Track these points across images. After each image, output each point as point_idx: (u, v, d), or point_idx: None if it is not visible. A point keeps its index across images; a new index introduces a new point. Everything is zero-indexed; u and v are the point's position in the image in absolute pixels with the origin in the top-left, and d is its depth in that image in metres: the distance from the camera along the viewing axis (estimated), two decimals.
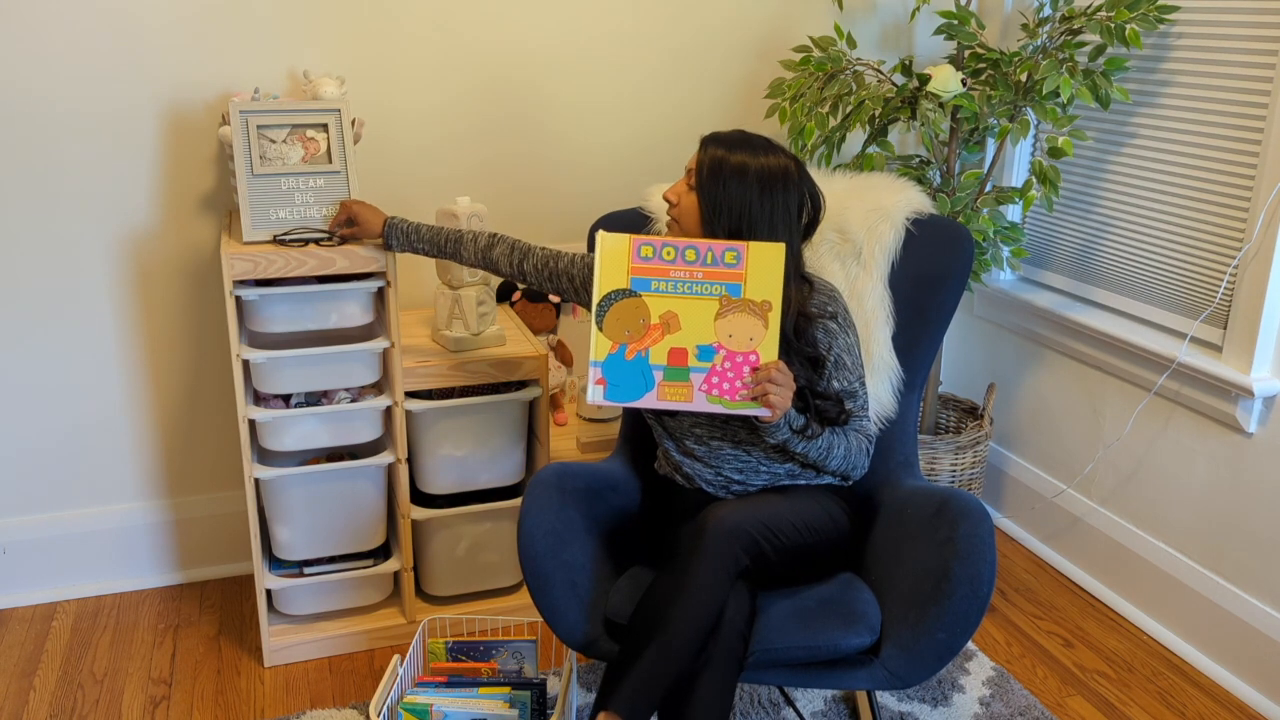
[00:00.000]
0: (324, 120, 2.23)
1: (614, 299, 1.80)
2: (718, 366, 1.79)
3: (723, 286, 1.76)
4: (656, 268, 1.77)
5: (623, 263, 1.79)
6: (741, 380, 1.79)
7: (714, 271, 1.77)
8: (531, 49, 2.68)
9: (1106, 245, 2.69)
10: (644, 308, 1.79)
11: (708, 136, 1.93)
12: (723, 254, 1.75)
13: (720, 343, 1.78)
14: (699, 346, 1.79)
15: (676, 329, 1.79)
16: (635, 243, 1.78)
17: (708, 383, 1.80)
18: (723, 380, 1.79)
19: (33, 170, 2.41)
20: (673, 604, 1.68)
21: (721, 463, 1.99)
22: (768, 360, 1.79)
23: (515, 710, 2.01)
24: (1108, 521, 2.71)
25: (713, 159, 1.88)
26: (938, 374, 2.83)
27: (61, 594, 2.67)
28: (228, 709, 2.29)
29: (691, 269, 1.77)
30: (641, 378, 1.81)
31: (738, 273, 1.76)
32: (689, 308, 1.78)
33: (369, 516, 2.42)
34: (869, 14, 2.94)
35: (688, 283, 1.77)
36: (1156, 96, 2.50)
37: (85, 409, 2.59)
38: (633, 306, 1.79)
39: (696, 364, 1.79)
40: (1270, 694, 2.31)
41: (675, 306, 1.78)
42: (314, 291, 2.21)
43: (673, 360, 1.80)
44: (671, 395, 1.81)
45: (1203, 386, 2.40)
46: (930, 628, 1.76)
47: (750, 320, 1.77)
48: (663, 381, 1.81)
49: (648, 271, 1.78)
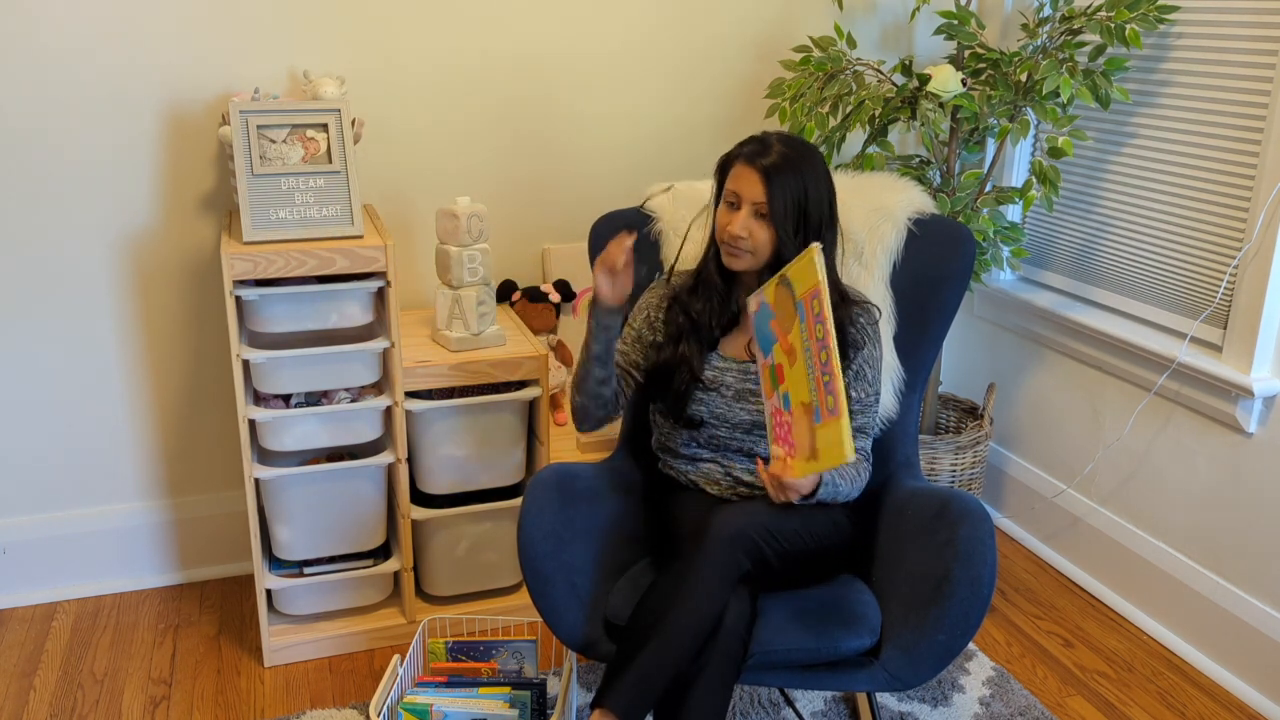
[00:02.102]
0: (324, 120, 2.23)
1: (788, 288, 1.79)
2: (785, 414, 1.79)
3: (815, 400, 1.73)
4: (809, 322, 1.74)
5: (806, 285, 1.75)
6: (782, 448, 1.79)
7: (820, 384, 1.72)
8: (532, 50, 2.68)
9: (1106, 245, 2.69)
10: (792, 323, 1.78)
11: (753, 153, 1.91)
12: (830, 390, 1.70)
13: (794, 416, 1.77)
14: (786, 394, 1.79)
15: (791, 365, 1.78)
16: (816, 290, 1.72)
17: (777, 414, 1.81)
18: (780, 426, 1.81)
19: (33, 170, 2.41)
20: (673, 606, 1.69)
21: (732, 463, 1.99)
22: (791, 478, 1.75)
23: (515, 710, 2.01)
24: (1108, 521, 2.71)
25: (779, 184, 1.88)
26: (938, 374, 2.83)
27: (61, 594, 2.67)
28: (228, 709, 2.29)
29: (818, 361, 1.72)
30: (765, 344, 1.84)
31: (825, 411, 1.71)
32: (800, 371, 1.76)
33: (369, 516, 2.42)
34: (869, 14, 2.94)
35: (810, 360, 1.73)
36: (1156, 96, 2.50)
37: (85, 409, 2.59)
38: (789, 311, 1.79)
39: (779, 395, 1.81)
40: (1270, 694, 2.31)
41: (799, 355, 1.76)
42: (314, 291, 2.21)
43: (778, 371, 1.81)
44: (766, 377, 1.84)
45: (1203, 386, 2.40)
46: (930, 629, 1.76)
47: (805, 438, 1.75)
48: (769, 364, 1.83)
49: (807, 312, 1.75)
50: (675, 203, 2.28)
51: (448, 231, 2.35)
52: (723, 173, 1.97)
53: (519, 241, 2.81)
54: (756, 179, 1.89)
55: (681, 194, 2.29)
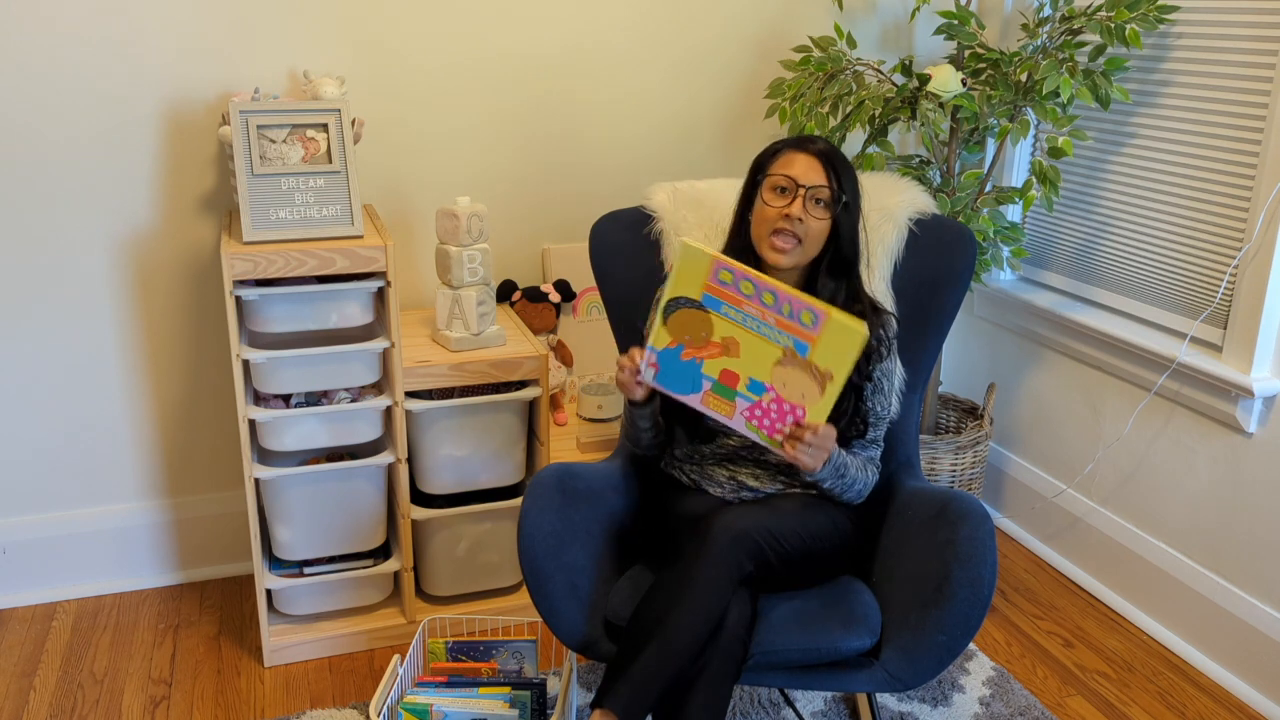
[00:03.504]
0: (324, 120, 2.23)
1: (682, 304, 1.79)
2: (764, 403, 1.79)
3: (790, 340, 1.73)
4: (732, 295, 1.75)
5: (699, 278, 1.76)
6: (784, 424, 1.79)
7: (787, 323, 1.73)
8: (532, 50, 2.68)
9: (1106, 245, 2.69)
10: (709, 324, 1.78)
11: (801, 140, 1.89)
12: (800, 312, 1.71)
13: (773, 385, 1.77)
14: (752, 380, 1.78)
15: (735, 355, 1.78)
16: (717, 264, 1.74)
17: (750, 412, 1.80)
18: (765, 416, 1.80)
19: (33, 170, 2.41)
20: (674, 606, 1.68)
21: (738, 467, 1.99)
22: (814, 420, 1.76)
23: (515, 710, 2.01)
24: (1108, 521, 2.72)
25: (843, 169, 1.86)
26: (938, 374, 2.83)
27: (61, 594, 2.67)
28: (228, 709, 2.29)
29: (765, 310, 1.74)
30: (692, 379, 1.82)
31: (810, 335, 1.72)
32: (752, 343, 1.76)
33: (369, 516, 2.42)
34: (869, 14, 2.94)
35: (758, 321, 1.74)
36: (1156, 96, 2.50)
37: (85, 409, 2.59)
38: (699, 318, 1.78)
39: (745, 392, 1.80)
40: (1270, 694, 2.32)
41: (739, 336, 1.77)
42: (314, 291, 2.21)
43: (724, 379, 1.80)
44: (715, 406, 1.82)
45: (1203, 386, 2.40)
46: (930, 630, 1.76)
47: (807, 380, 1.74)
48: (709, 391, 1.82)
49: (723, 294, 1.76)
50: (675, 202, 2.28)
51: (448, 231, 2.36)
52: (760, 166, 1.93)
53: (519, 241, 2.81)
54: (815, 163, 1.85)
55: (682, 193, 2.28)
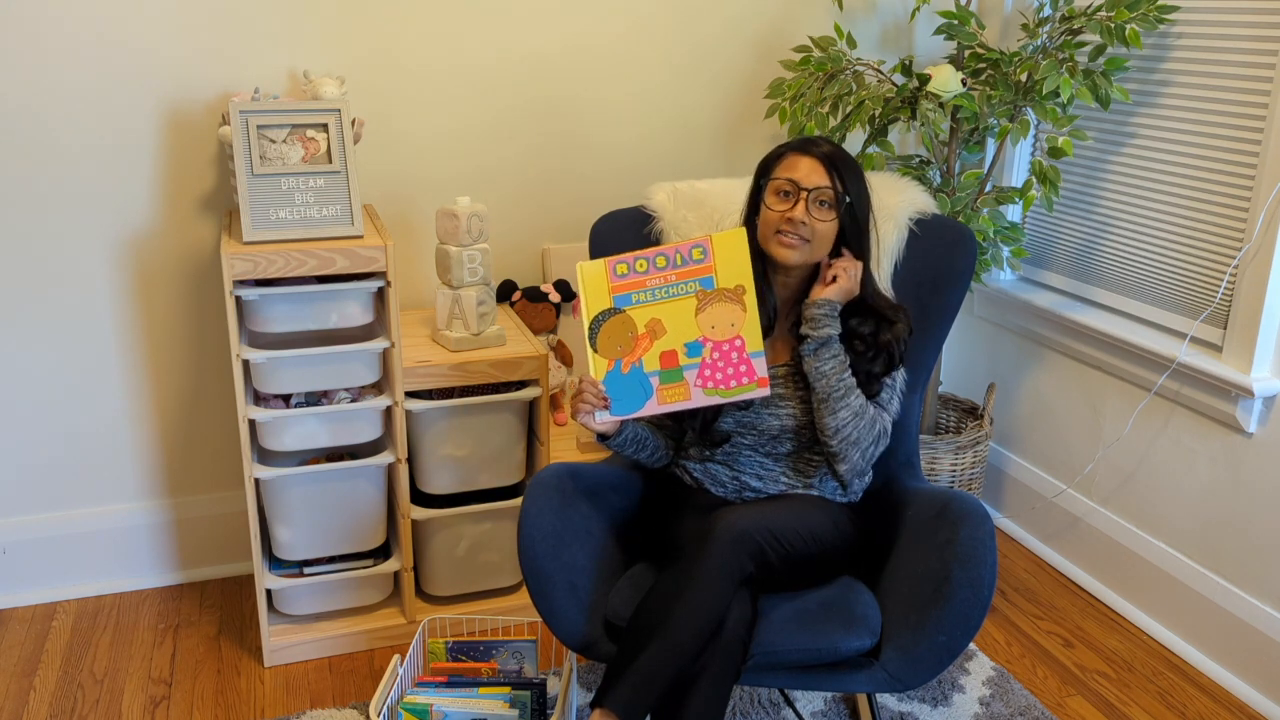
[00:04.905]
0: (324, 120, 2.23)
1: (601, 320, 1.88)
2: (708, 359, 1.86)
3: (696, 283, 1.85)
4: (633, 281, 1.86)
5: (602, 284, 1.87)
6: (734, 368, 1.85)
7: (686, 271, 1.85)
8: (532, 50, 2.68)
9: (1106, 245, 2.69)
10: (630, 321, 1.87)
11: (805, 143, 1.92)
12: (690, 251, 1.83)
13: (705, 336, 1.86)
14: (686, 345, 1.86)
15: (663, 333, 1.87)
16: (610, 264, 1.87)
17: (700, 377, 1.87)
18: (715, 371, 1.86)
19: (33, 170, 2.40)
20: (675, 606, 1.68)
21: (742, 467, 1.99)
22: (749, 338, 1.84)
23: (515, 710, 2.01)
24: (1108, 521, 2.72)
25: (847, 171, 1.89)
26: (938, 374, 2.83)
27: (61, 594, 2.67)
28: (228, 709, 2.29)
29: (665, 274, 1.85)
30: (640, 388, 1.89)
31: (707, 266, 1.84)
32: (670, 311, 1.86)
33: (369, 516, 2.42)
34: (869, 14, 2.94)
35: (664, 288, 1.85)
36: (1156, 96, 2.50)
37: (85, 409, 2.59)
38: (619, 323, 1.88)
39: (687, 362, 1.87)
40: (1270, 694, 2.32)
41: (658, 313, 1.87)
42: (314, 291, 2.21)
43: (665, 364, 1.87)
44: (670, 397, 1.88)
45: (1203, 386, 2.40)
46: (930, 630, 1.76)
47: (728, 308, 1.84)
48: (660, 386, 1.88)
49: (626, 287, 1.87)
50: (675, 202, 2.28)
51: (448, 231, 2.36)
52: (765, 169, 1.96)
53: (519, 241, 2.81)
54: (818, 166, 1.88)
55: (682, 193, 2.28)
